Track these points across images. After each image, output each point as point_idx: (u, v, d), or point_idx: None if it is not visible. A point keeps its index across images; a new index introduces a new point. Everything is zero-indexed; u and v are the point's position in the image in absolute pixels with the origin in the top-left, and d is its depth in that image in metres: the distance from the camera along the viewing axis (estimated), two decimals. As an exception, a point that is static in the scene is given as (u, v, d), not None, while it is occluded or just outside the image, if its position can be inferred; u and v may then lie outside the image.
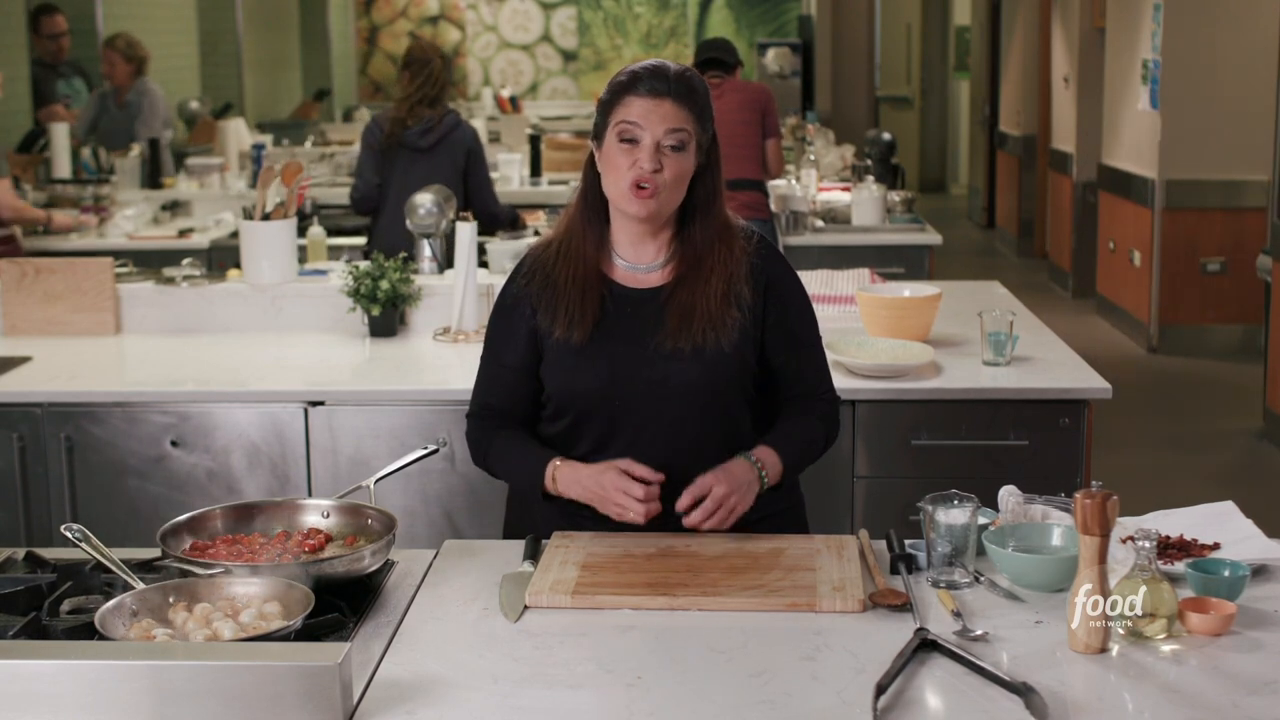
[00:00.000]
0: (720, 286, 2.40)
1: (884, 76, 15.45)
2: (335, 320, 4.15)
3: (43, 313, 4.14)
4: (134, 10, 9.51)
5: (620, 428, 2.42)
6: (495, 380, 2.52)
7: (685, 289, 2.41)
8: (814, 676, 1.90)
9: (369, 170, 5.62)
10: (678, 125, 2.35)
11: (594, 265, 2.43)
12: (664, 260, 2.44)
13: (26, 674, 1.74)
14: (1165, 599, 1.98)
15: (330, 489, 3.41)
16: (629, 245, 2.45)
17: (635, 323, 2.42)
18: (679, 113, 2.36)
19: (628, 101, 2.36)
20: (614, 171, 2.37)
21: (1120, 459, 6.02)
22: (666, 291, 2.42)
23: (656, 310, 2.42)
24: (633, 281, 2.45)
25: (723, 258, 2.42)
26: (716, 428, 2.43)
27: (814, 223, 6.01)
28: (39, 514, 3.55)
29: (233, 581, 2.05)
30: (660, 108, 2.35)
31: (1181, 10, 7.79)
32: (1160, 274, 8.04)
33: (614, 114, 2.38)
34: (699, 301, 2.39)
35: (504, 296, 2.52)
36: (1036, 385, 3.53)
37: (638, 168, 2.34)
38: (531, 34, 14.71)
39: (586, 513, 2.44)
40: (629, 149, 2.35)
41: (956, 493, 2.22)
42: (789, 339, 2.48)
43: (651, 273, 2.45)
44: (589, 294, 2.41)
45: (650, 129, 2.34)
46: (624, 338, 2.41)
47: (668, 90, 2.36)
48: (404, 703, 1.83)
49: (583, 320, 2.40)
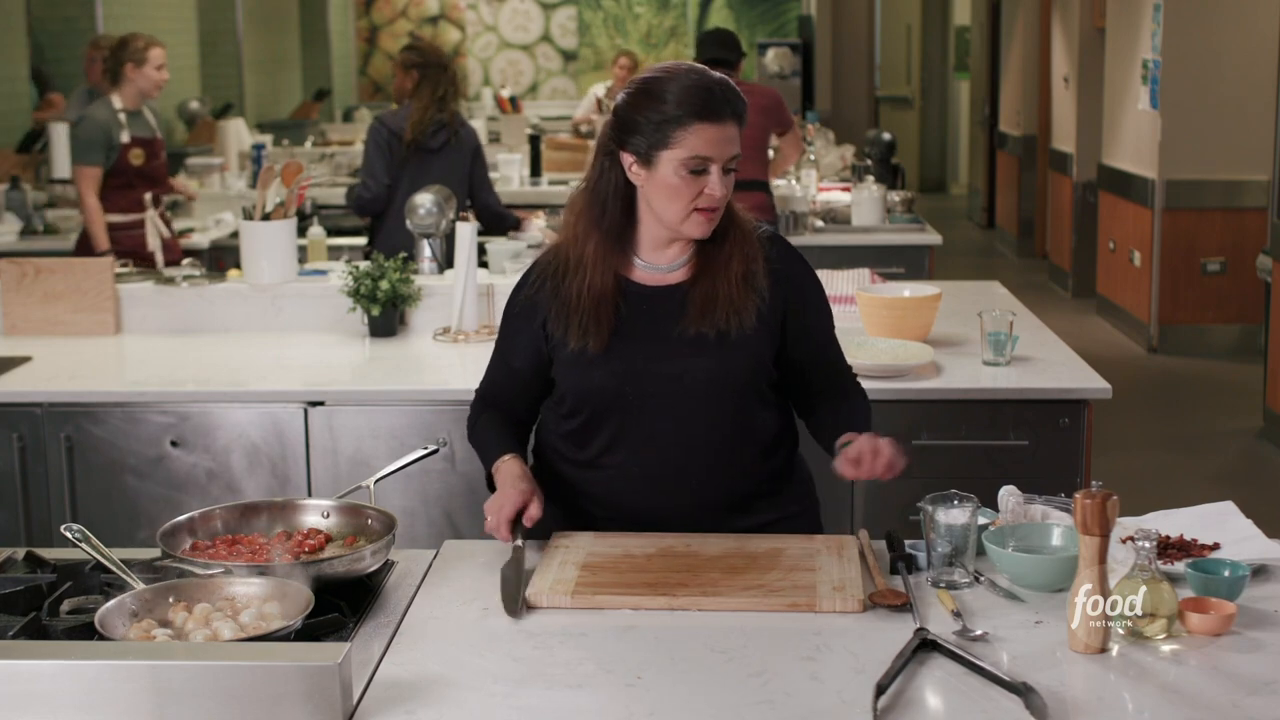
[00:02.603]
0: (739, 269, 2.39)
1: (884, 76, 15.46)
2: (335, 320, 4.15)
3: (43, 313, 4.15)
4: (134, 10, 9.52)
5: (636, 424, 2.40)
6: (500, 379, 2.54)
7: (707, 278, 2.40)
8: (814, 676, 1.90)
9: (380, 171, 5.53)
10: (737, 148, 2.34)
11: (610, 277, 2.39)
12: (686, 258, 2.43)
13: (26, 674, 1.74)
14: (1165, 599, 1.98)
15: (330, 489, 3.41)
16: (653, 249, 2.42)
17: (654, 318, 2.40)
18: (738, 134, 2.34)
19: (695, 129, 2.29)
20: (674, 198, 2.32)
21: (1120, 459, 6.02)
22: (687, 286, 2.41)
23: (677, 303, 2.40)
24: (652, 280, 2.43)
25: (739, 245, 2.41)
26: (732, 422, 2.41)
27: (814, 223, 6.01)
28: (39, 514, 3.55)
29: (233, 581, 2.05)
30: (725, 133, 2.31)
31: (1181, 10, 7.80)
32: (1160, 274, 8.05)
33: (676, 140, 2.29)
34: (720, 287, 2.38)
35: (512, 304, 2.50)
36: (1036, 385, 3.53)
37: (708, 197, 2.32)
38: (531, 34, 14.72)
39: (593, 512, 2.44)
40: (695, 178, 2.31)
41: (956, 493, 2.22)
42: (814, 330, 2.48)
43: (672, 272, 2.43)
44: (603, 306, 2.38)
45: (720, 157, 2.31)
46: (643, 335, 2.39)
47: (731, 115, 2.32)
48: (404, 703, 1.83)
49: (599, 331, 2.38)
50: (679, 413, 2.39)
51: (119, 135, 5.67)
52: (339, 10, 14.18)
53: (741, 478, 2.46)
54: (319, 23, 13.54)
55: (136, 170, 5.72)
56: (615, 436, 2.42)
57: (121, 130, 5.68)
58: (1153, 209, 8.01)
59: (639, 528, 2.41)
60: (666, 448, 2.39)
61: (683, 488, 2.41)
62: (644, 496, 2.42)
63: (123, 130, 5.68)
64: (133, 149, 5.69)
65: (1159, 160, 7.92)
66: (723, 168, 2.32)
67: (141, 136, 5.75)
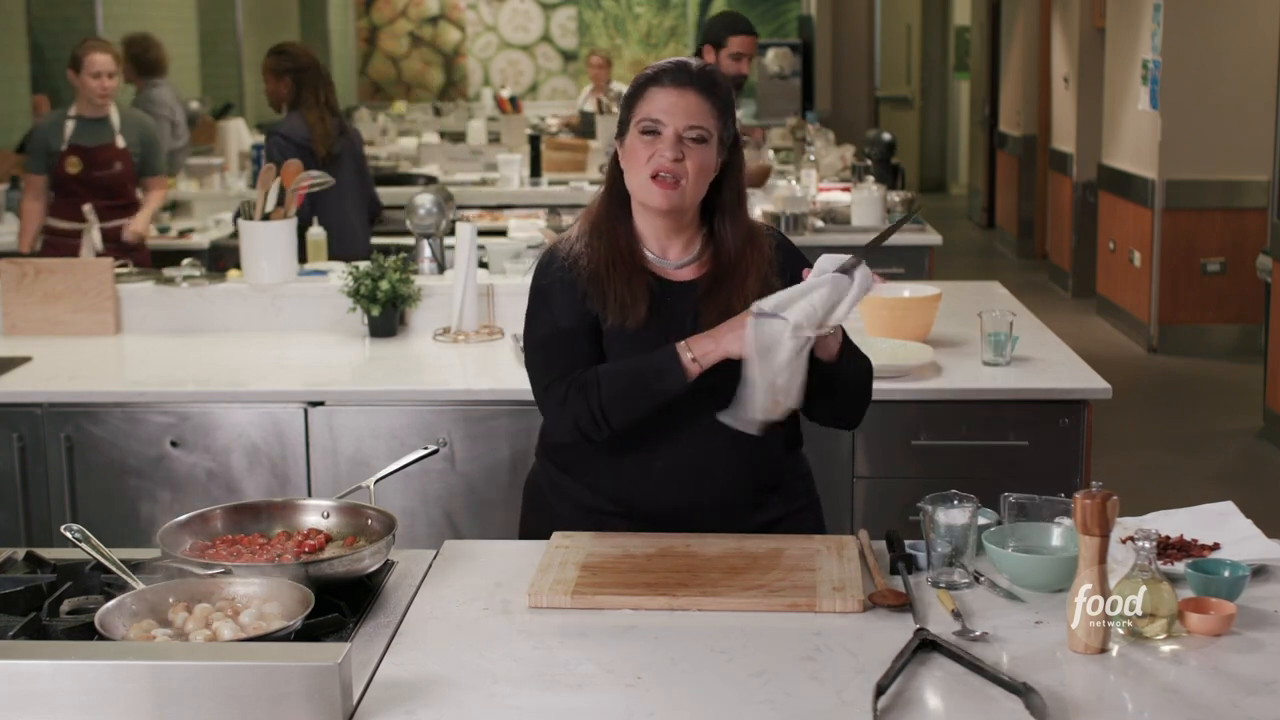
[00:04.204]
0: (755, 287, 2.39)
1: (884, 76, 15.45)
2: (335, 320, 4.15)
3: (43, 313, 4.15)
4: (134, 10, 9.52)
5: (662, 418, 2.39)
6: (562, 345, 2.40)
7: (723, 289, 2.40)
8: (814, 676, 1.90)
9: None
10: (699, 118, 2.36)
11: (630, 252, 2.41)
12: (692, 257, 2.44)
13: (26, 674, 1.74)
14: (1165, 599, 1.98)
15: (330, 489, 3.41)
16: (654, 241, 2.44)
17: (678, 313, 2.41)
18: (701, 105, 2.36)
19: (650, 94, 2.38)
20: (635, 164, 2.37)
21: (1120, 459, 6.02)
22: (702, 287, 2.42)
23: (694, 305, 2.41)
24: (664, 275, 2.44)
25: (755, 259, 2.42)
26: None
27: (814, 223, 6.01)
28: (39, 514, 3.55)
29: (233, 581, 2.05)
30: (683, 99, 2.36)
31: (1181, 10, 7.80)
32: (1160, 274, 8.05)
33: (636, 108, 2.38)
34: (736, 303, 2.37)
35: (543, 285, 2.44)
36: (1036, 385, 3.53)
37: (659, 158, 2.34)
38: (531, 34, 14.72)
39: (608, 508, 2.44)
40: (650, 140, 2.35)
41: (956, 493, 2.22)
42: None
43: (682, 269, 2.44)
44: (635, 279, 2.39)
45: (672, 121, 2.35)
46: (675, 327, 2.39)
47: (690, 82, 2.37)
48: (404, 703, 1.83)
49: (635, 304, 2.38)
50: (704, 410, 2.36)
51: (56, 143, 5.56)
52: (339, 10, 14.18)
53: (758, 473, 2.47)
54: (319, 23, 13.54)
55: (75, 179, 5.55)
56: (642, 430, 2.40)
57: (61, 138, 5.56)
58: (1153, 209, 8.01)
59: (656, 526, 2.40)
60: (690, 443, 2.39)
61: (703, 485, 2.42)
62: (663, 494, 2.42)
63: (62, 139, 5.55)
64: (69, 157, 5.54)
65: (1159, 160, 7.92)
66: (680, 135, 2.34)
67: (84, 145, 5.57)
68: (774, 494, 2.50)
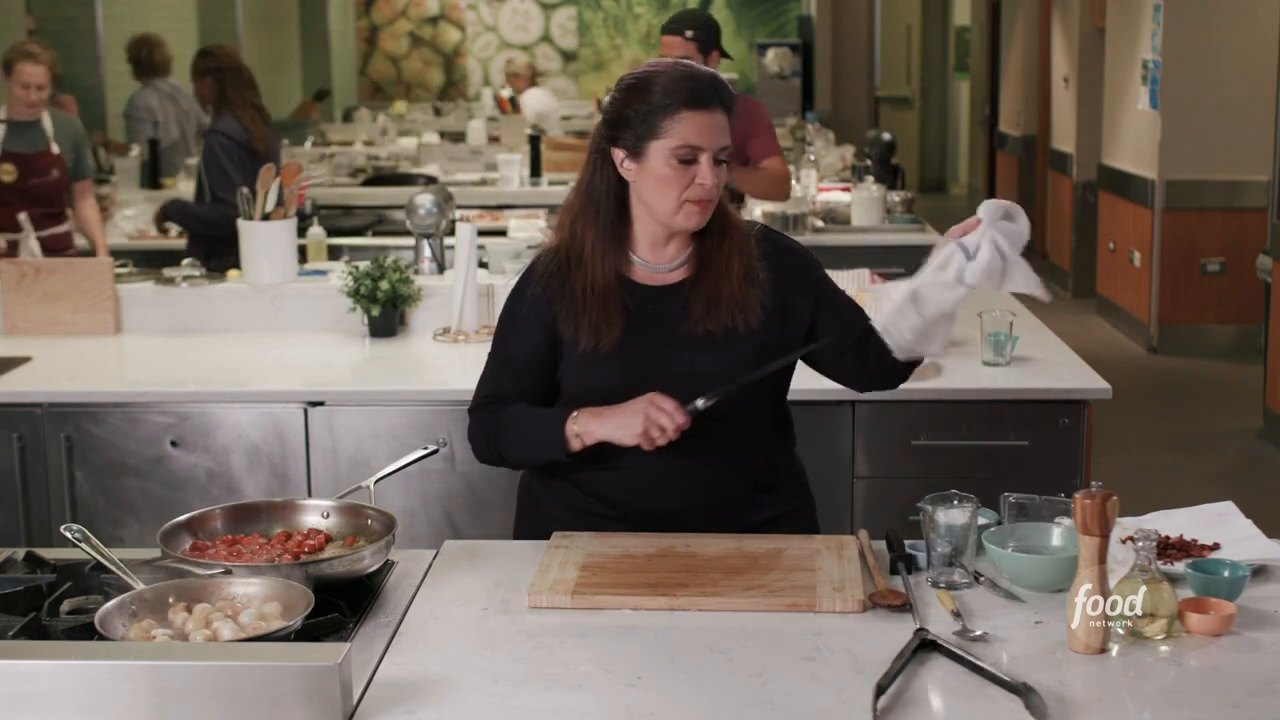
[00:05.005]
0: (740, 270, 2.39)
1: (884, 76, 15.46)
2: (335, 320, 4.15)
3: (43, 313, 4.15)
4: (134, 10, 9.52)
5: None
6: (503, 374, 2.48)
7: (709, 278, 2.40)
8: (814, 676, 1.90)
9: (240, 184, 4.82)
10: (727, 136, 2.34)
11: (611, 272, 2.39)
12: (685, 258, 2.43)
13: (26, 674, 1.74)
14: (1165, 599, 1.98)
15: (330, 489, 3.41)
16: (650, 248, 2.42)
17: (660, 318, 2.40)
18: (726, 123, 2.34)
19: (683, 117, 2.30)
20: (665, 188, 2.32)
21: (1120, 459, 6.02)
22: (689, 284, 2.41)
23: (680, 302, 2.40)
24: (653, 280, 2.42)
25: (738, 244, 2.41)
26: (742, 418, 2.42)
27: (814, 223, 6.01)
28: (39, 514, 3.55)
29: (233, 581, 2.05)
30: (713, 121, 2.32)
31: (1181, 10, 7.80)
32: (1160, 274, 8.05)
33: (664, 129, 2.30)
34: (723, 289, 2.38)
35: (517, 302, 2.47)
36: (1036, 385, 3.53)
37: (699, 187, 2.31)
38: (531, 34, 14.71)
39: (601, 511, 2.44)
40: (685, 167, 2.31)
41: (956, 493, 2.22)
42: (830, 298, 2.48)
43: (672, 271, 2.43)
44: (610, 302, 2.38)
45: (709, 145, 2.31)
46: (651, 335, 2.39)
47: (716, 100, 2.32)
48: (404, 703, 1.83)
49: (609, 328, 2.37)
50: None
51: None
52: (339, 10, 14.18)
53: (750, 473, 2.47)
54: (319, 23, 13.54)
55: (10, 187, 5.36)
56: None
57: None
58: (1153, 209, 8.01)
59: (649, 527, 2.40)
60: (679, 447, 2.37)
61: (695, 486, 2.41)
62: (656, 496, 2.42)
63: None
64: (3, 164, 5.36)
65: (1159, 160, 7.92)
66: (713, 157, 2.32)
67: (20, 151, 5.41)
68: (768, 494, 2.50)
